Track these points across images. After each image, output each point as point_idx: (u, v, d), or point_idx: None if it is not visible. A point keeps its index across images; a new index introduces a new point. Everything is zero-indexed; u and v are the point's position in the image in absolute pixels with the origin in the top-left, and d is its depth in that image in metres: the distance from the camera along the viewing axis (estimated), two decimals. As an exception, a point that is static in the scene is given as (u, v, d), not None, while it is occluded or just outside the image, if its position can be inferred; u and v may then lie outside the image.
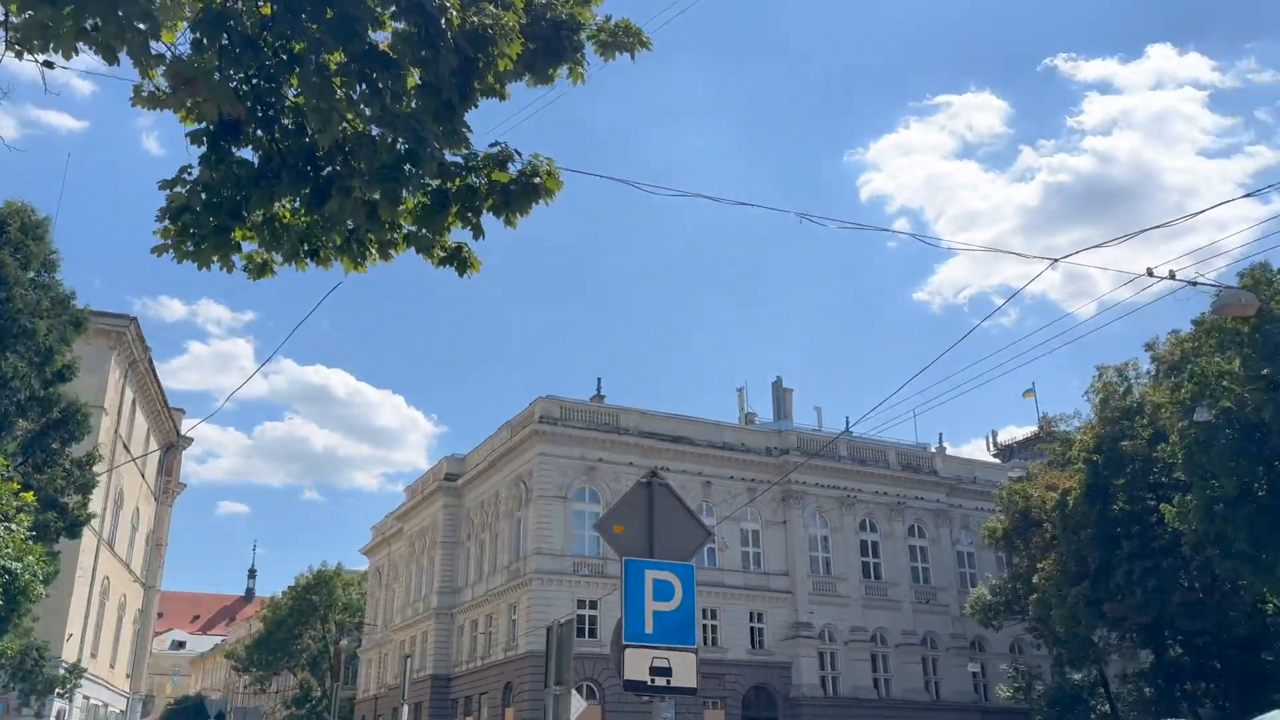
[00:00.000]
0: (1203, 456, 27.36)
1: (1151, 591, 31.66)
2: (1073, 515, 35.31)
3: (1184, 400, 28.25)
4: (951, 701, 49.73)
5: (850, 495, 51.99)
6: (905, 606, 51.65)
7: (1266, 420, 26.16)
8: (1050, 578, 35.94)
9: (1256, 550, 26.78)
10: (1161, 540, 32.15)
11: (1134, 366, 36.93)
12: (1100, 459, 34.75)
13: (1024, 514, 40.56)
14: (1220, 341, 28.20)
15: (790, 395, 64.63)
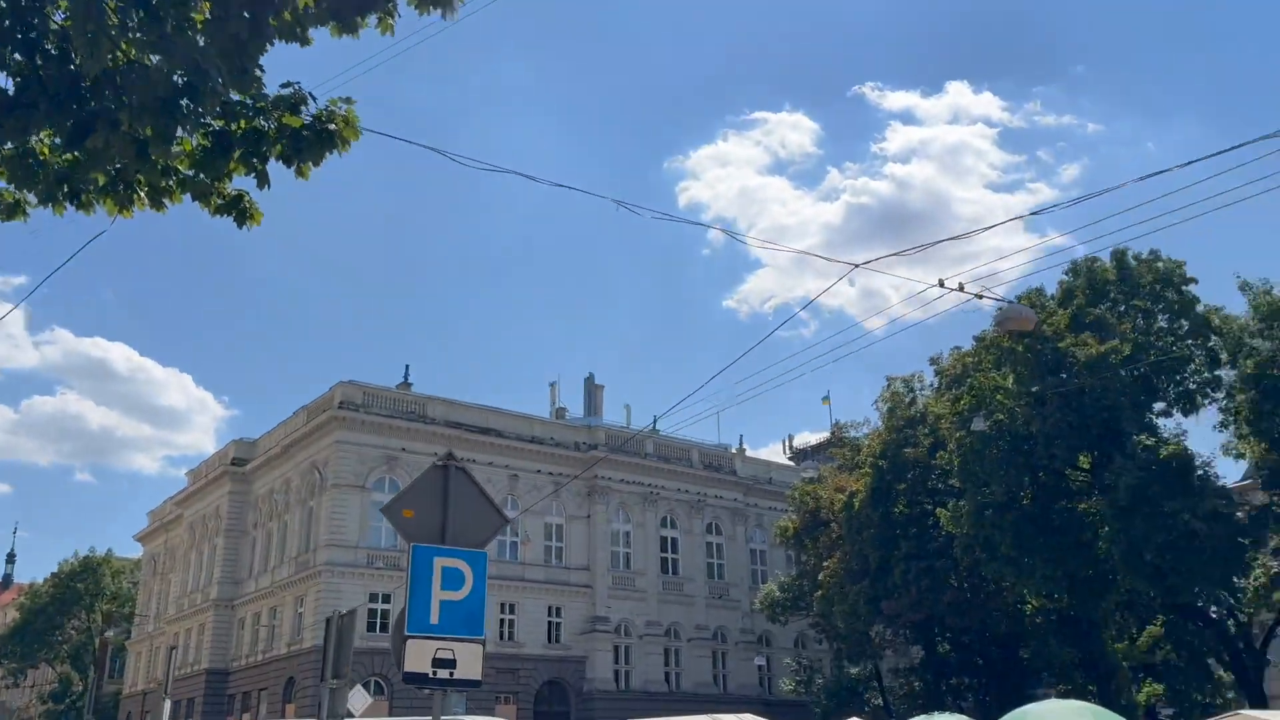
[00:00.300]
0: (976, 465, 29.26)
1: (925, 590, 33.63)
2: (858, 516, 37.07)
3: (962, 411, 30.14)
4: (738, 694, 51.27)
5: (654, 492, 52.78)
6: (699, 602, 52.93)
7: (1034, 433, 28.25)
8: (834, 575, 37.61)
9: (1019, 554, 28.86)
10: (936, 543, 34.21)
11: (920, 379, 39.20)
12: (885, 464, 36.65)
13: (814, 514, 42.28)
14: (997, 359, 30.25)
15: (601, 392, 65.03)
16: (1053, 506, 29.66)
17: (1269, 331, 25.01)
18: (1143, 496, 24.78)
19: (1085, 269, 31.53)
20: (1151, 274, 30.49)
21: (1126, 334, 28.59)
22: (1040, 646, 35.10)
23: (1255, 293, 25.88)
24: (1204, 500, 24.30)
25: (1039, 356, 28.36)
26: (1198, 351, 29.72)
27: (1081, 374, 27.35)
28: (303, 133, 5.75)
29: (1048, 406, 27.55)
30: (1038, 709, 17.65)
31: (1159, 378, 29.41)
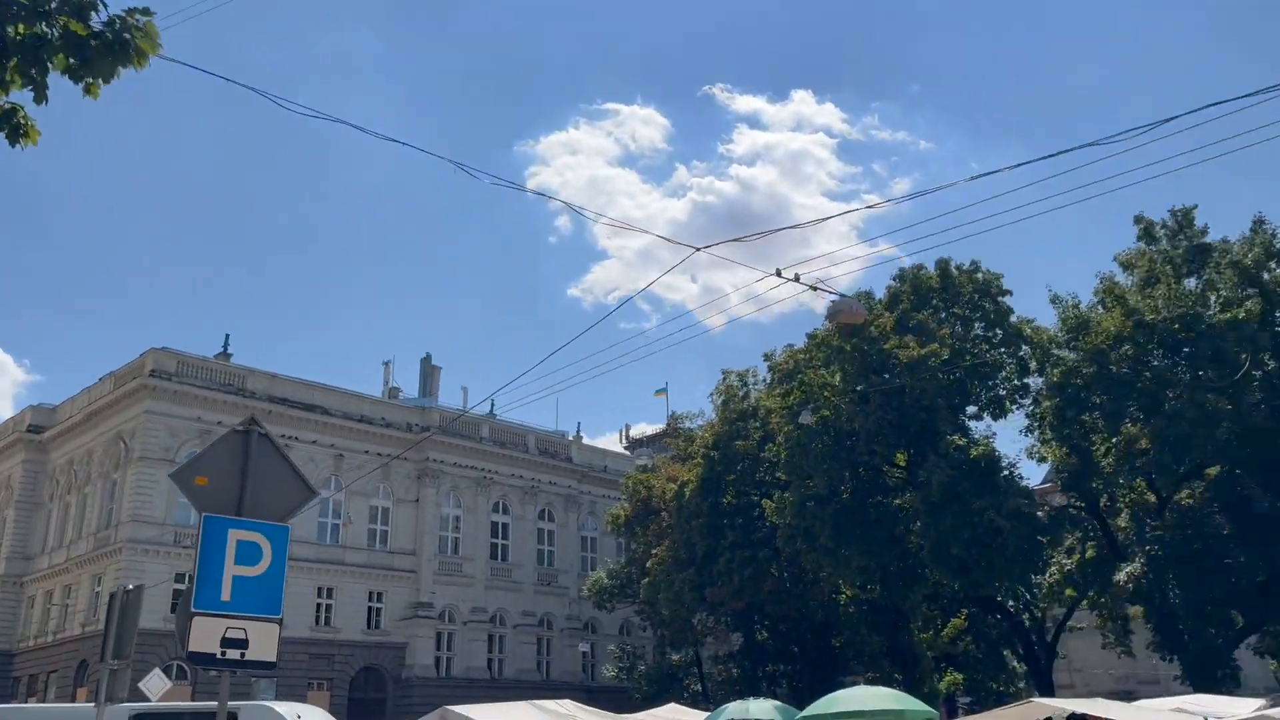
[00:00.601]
0: (801, 458, 30.11)
1: (747, 579, 34.43)
2: (687, 506, 37.60)
3: (792, 406, 30.95)
4: (561, 680, 51.16)
5: (487, 476, 52.01)
6: (527, 588, 52.54)
7: (857, 429, 29.28)
8: (662, 563, 38.04)
9: (837, 545, 29.88)
10: (761, 533, 35.07)
11: (754, 374, 40.12)
12: (716, 455, 37.30)
13: (645, 502, 42.67)
14: (827, 357, 31.19)
15: (438, 373, 63.67)
16: (870, 501, 30.87)
17: (1075, 343, 26.69)
18: (953, 494, 26.04)
19: (911, 276, 32.84)
20: (972, 284, 32.02)
21: (946, 339, 29.98)
22: (852, 635, 36.51)
23: (1064, 306, 27.60)
24: (1008, 499, 25.74)
25: (865, 356, 29.40)
26: (1009, 360, 31.47)
27: (903, 374, 28.51)
28: (91, 43, 5.07)
29: (870, 404, 28.60)
30: (846, 694, 18.18)
31: (973, 382, 30.97)
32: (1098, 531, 29.23)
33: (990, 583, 26.21)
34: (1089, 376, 25.49)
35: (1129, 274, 28.41)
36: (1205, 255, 26.48)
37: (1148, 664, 39.45)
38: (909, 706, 17.21)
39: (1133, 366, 25.15)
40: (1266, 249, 26.38)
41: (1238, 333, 24.21)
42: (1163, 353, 25.27)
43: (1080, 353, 26.16)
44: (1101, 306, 27.88)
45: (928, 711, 17.65)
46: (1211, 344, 24.12)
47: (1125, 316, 25.47)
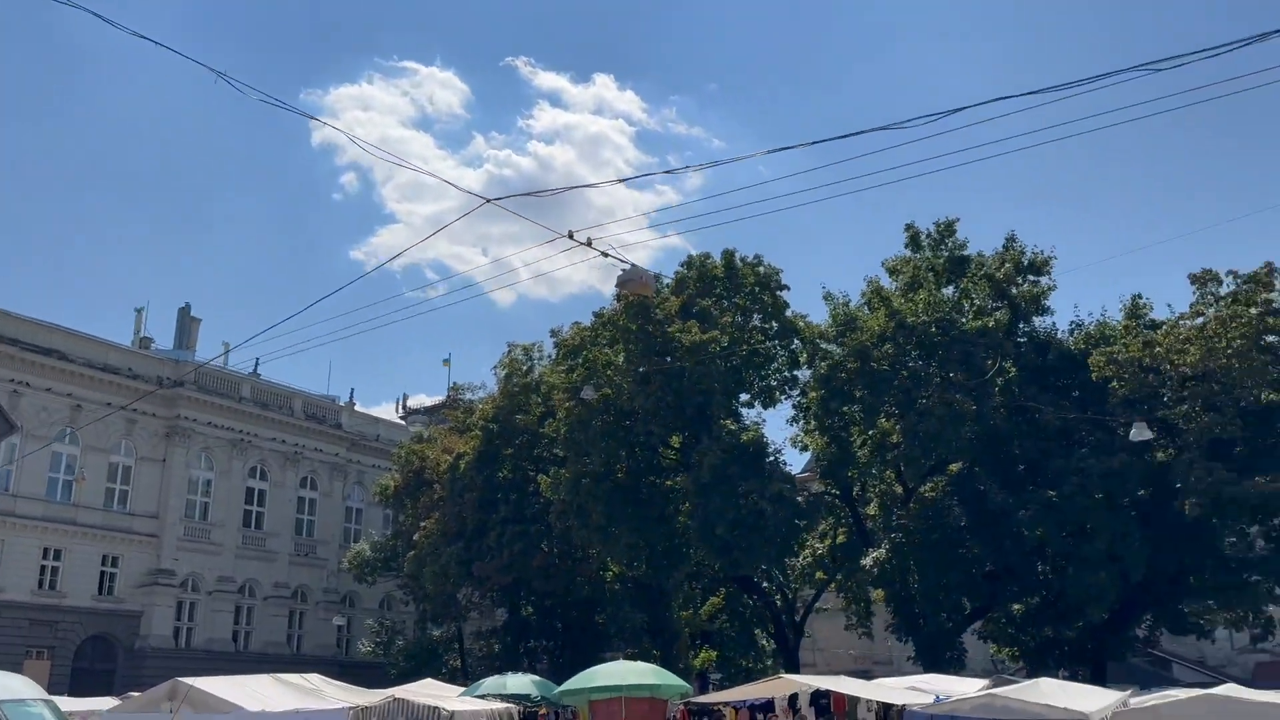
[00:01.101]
0: (580, 434, 30.07)
1: (518, 554, 34.11)
2: (462, 478, 36.82)
3: (575, 382, 30.84)
4: (312, 655, 49.05)
5: (245, 439, 48.98)
6: (282, 558, 50.00)
7: (637, 409, 29.54)
8: (430, 536, 37.09)
9: (609, 522, 30.10)
10: (534, 508, 34.84)
11: (539, 349, 39.70)
12: (495, 428, 36.72)
13: (418, 474, 41.46)
14: (612, 336, 31.30)
15: (198, 326, 59.23)
16: (644, 480, 31.31)
17: (842, 339, 28.05)
18: (722, 476, 26.77)
19: (699, 264, 33.53)
20: (754, 276, 33.00)
21: (727, 327, 30.80)
22: (616, 612, 37.01)
23: (835, 304, 28.95)
24: (772, 483, 26.74)
25: (649, 338, 29.70)
26: (782, 352, 32.74)
27: (684, 358, 29.02)
28: None
29: (651, 385, 28.92)
30: (605, 668, 18.28)
31: (748, 371, 32.00)
32: (849, 519, 30.95)
33: (750, 563, 27.16)
34: (852, 371, 26.85)
35: (895, 279, 30.13)
36: (963, 266, 28.47)
37: (884, 645, 42.42)
38: (665, 681, 17.49)
39: (892, 365, 26.69)
40: (1016, 264, 28.68)
41: (987, 340, 26.21)
42: (919, 354, 26.98)
43: (846, 349, 27.50)
44: (868, 307, 29.45)
45: (682, 686, 18.01)
46: (963, 349, 25.97)
47: (889, 318, 26.98)
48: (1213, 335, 23.50)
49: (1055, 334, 28.45)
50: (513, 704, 18.09)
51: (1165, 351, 24.17)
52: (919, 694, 15.33)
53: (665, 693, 17.44)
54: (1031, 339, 28.29)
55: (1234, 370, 22.85)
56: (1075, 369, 26.94)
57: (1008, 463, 26.34)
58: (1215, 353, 23.13)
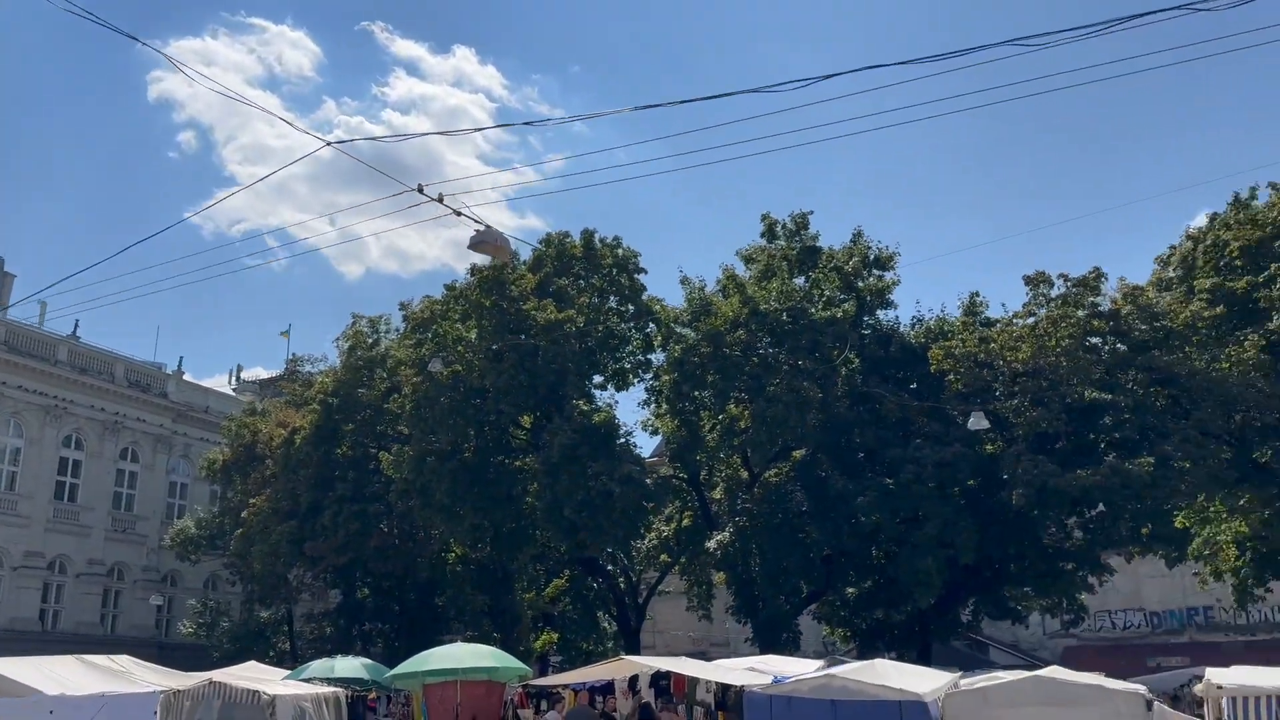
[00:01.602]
0: (427, 412, 29.15)
1: (354, 534, 32.86)
2: (297, 454, 35.21)
3: (423, 357, 29.86)
4: (128, 636, 46.07)
5: (60, 406, 45.46)
6: (98, 534, 46.72)
7: (488, 387, 28.85)
8: (260, 514, 35.33)
9: (453, 503, 29.32)
10: (374, 487, 33.65)
11: (386, 321, 38.35)
12: (335, 402, 35.24)
13: (249, 448, 39.44)
14: (464, 311, 30.46)
15: (10, 281, 54.58)
16: (491, 460, 30.63)
17: (696, 323, 28.13)
18: (572, 456, 26.42)
19: (557, 242, 33.04)
20: (612, 258, 32.76)
21: (584, 307, 30.45)
22: (456, 594, 36.24)
23: (691, 288, 29.00)
24: (622, 465, 26.58)
25: (503, 314, 29.04)
26: (637, 335, 32.67)
27: (539, 336, 28.52)
28: None
29: (504, 363, 28.29)
30: (440, 651, 17.68)
31: (602, 353, 31.78)
32: (695, 502, 31.17)
33: (597, 544, 26.98)
34: (705, 356, 26.96)
35: (750, 267, 30.44)
36: (815, 257, 29.01)
37: (722, 628, 43.17)
38: (503, 664, 17.04)
39: (744, 351, 26.94)
40: (863, 259, 29.43)
41: (834, 330, 26.80)
42: (770, 340, 27.34)
43: (700, 333, 27.59)
44: (723, 294, 29.65)
45: (521, 668, 17.59)
46: (812, 337, 26.46)
47: (742, 304, 27.22)
48: (1043, 334, 24.71)
49: (898, 327, 29.37)
50: (340, 688, 17.25)
51: (999, 348, 25.26)
52: (757, 674, 15.41)
53: (503, 675, 16.98)
54: (875, 331, 29.11)
55: (1061, 368, 24.07)
56: (915, 362, 27.87)
57: (849, 450, 27.04)
58: (1045, 350, 24.31)
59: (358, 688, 18.41)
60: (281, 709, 14.02)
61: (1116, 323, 25.80)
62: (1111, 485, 22.56)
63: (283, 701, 14.16)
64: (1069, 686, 11.16)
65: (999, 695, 11.18)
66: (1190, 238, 30.31)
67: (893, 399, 26.51)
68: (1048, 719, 10.55)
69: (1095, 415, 25.01)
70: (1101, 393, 24.74)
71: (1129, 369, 25.38)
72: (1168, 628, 43.21)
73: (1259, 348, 24.49)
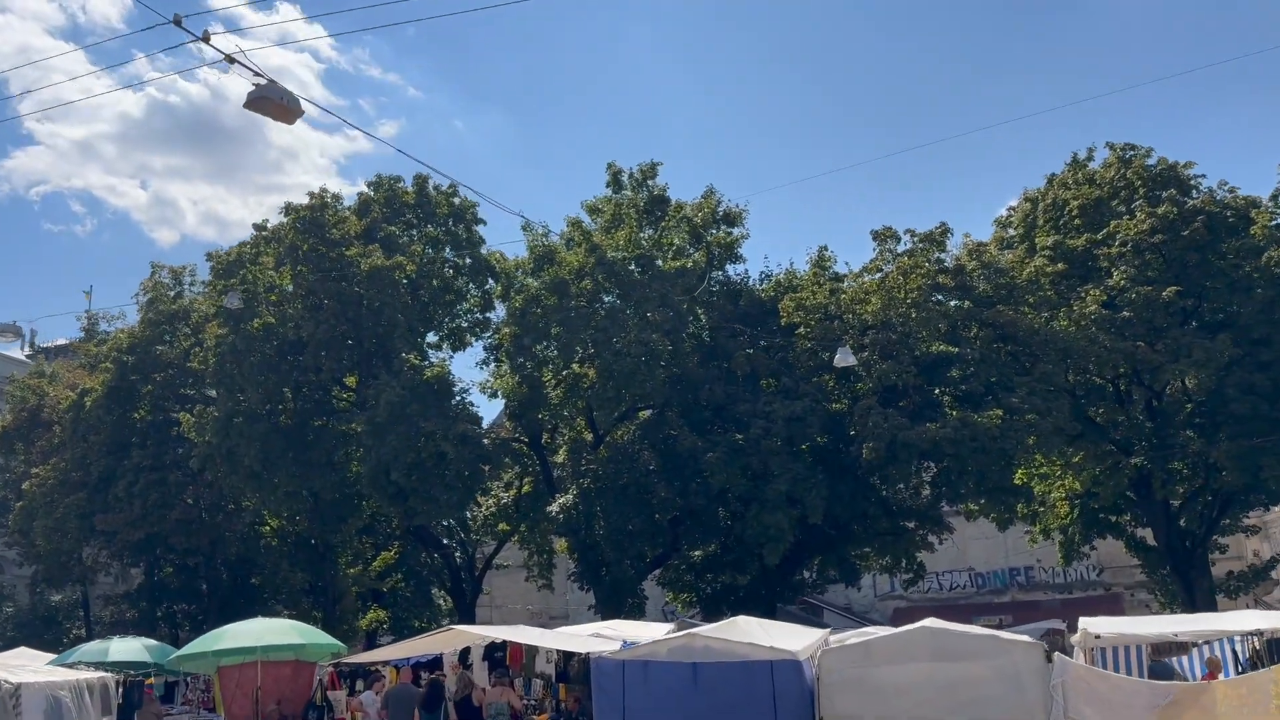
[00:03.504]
0: (234, 367, 26.20)
1: (152, 506, 29.50)
2: (88, 418, 31.37)
3: (227, 308, 26.80)
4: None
5: None
6: None
7: (305, 340, 26.12)
8: (43, 485, 31.33)
9: (265, 469, 26.52)
10: (176, 453, 30.34)
11: (192, 272, 34.66)
12: (131, 361, 31.53)
13: (34, 413, 35.09)
14: (278, 256, 27.56)
15: None
16: (310, 424, 27.94)
17: (540, 272, 26.22)
18: (401, 415, 24.14)
19: (387, 186, 30.50)
20: (448, 207, 30.49)
21: (415, 255, 28.08)
22: (273, 571, 33.30)
23: (534, 235, 27.08)
24: (457, 424, 24.49)
25: (322, 259, 26.36)
26: (475, 291, 30.51)
27: (363, 284, 26.01)
28: None
29: (323, 313, 25.66)
30: (236, 628, 15.35)
31: (436, 308, 29.50)
32: (537, 466, 29.37)
33: (429, 511, 24.77)
34: (549, 306, 25.13)
35: (596, 219, 28.72)
36: (663, 207, 27.57)
37: (562, 599, 41.63)
38: (310, 640, 14.85)
39: (590, 301, 25.26)
40: (713, 213, 28.22)
41: (684, 281, 25.40)
42: (618, 292, 25.74)
43: (543, 282, 25.74)
44: (568, 245, 27.86)
45: (333, 645, 15.47)
46: (660, 288, 25.00)
47: (588, 253, 25.51)
48: (893, 286, 24.10)
49: (747, 282, 28.35)
50: (111, 674, 14.66)
51: (849, 300, 24.50)
52: (603, 641, 13.87)
53: (311, 654, 14.82)
54: (725, 286, 27.97)
55: (910, 320, 23.52)
56: (765, 316, 26.90)
57: (698, 408, 25.80)
58: (895, 303, 23.70)
59: (131, 672, 15.80)
60: (29, 699, 11.53)
61: (962, 278, 25.53)
62: (960, 438, 22.13)
63: (30, 690, 11.65)
64: (963, 638, 10.01)
65: (883, 650, 9.93)
66: (1029, 199, 30.62)
67: (742, 354, 25.44)
68: (938, 675, 9.38)
69: (942, 369, 24.65)
70: (948, 346, 24.38)
71: (973, 324, 25.17)
72: (991, 587, 44.44)
73: (1099, 303, 24.66)
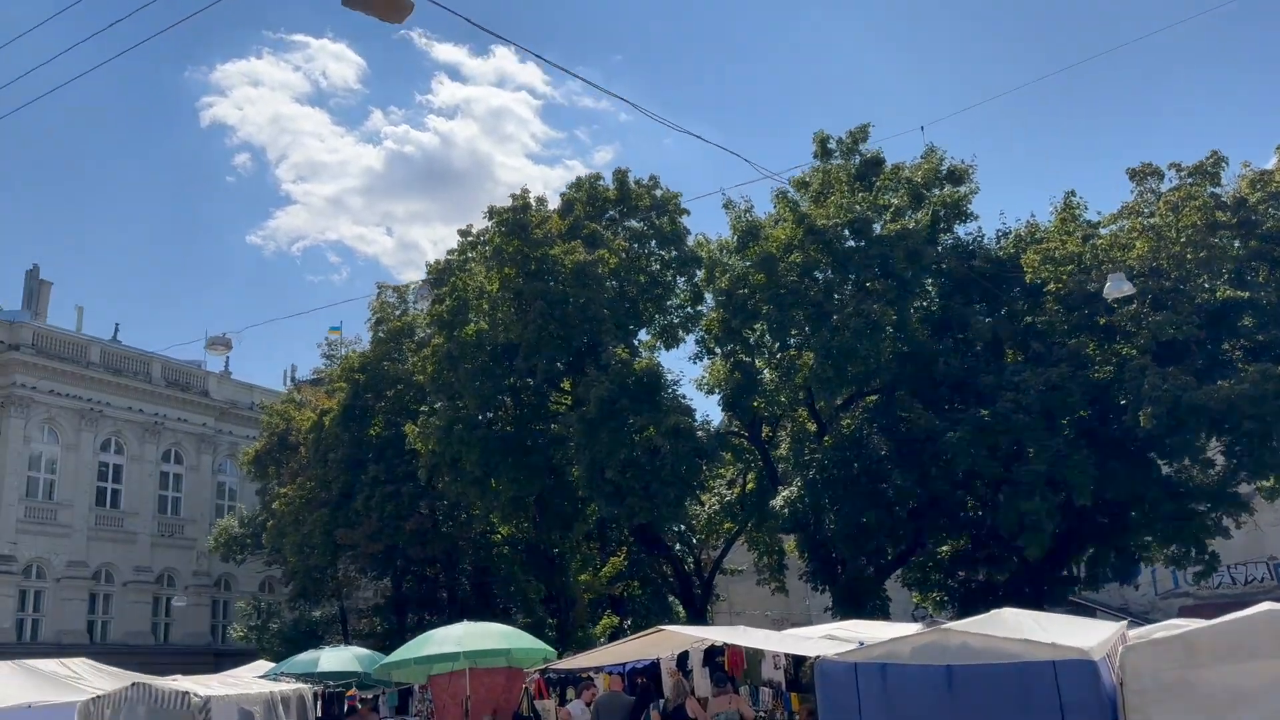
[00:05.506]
0: (450, 375, 26.13)
1: (388, 518, 30.06)
2: (327, 437, 32.56)
3: (443, 315, 26.82)
4: (181, 645, 44.36)
5: (96, 408, 43.67)
6: (144, 540, 44.88)
7: (515, 342, 25.67)
8: (291, 504, 32.75)
9: (486, 474, 26.25)
10: (408, 466, 30.82)
11: (415, 288, 35.46)
12: (363, 379, 32.48)
13: (283, 438, 36.99)
14: (483, 257, 27.37)
15: (48, 289, 53.37)
16: (529, 428, 27.50)
17: (744, 250, 24.53)
18: (611, 410, 23.09)
19: (588, 185, 29.83)
20: (649, 199, 29.42)
21: (618, 249, 27.13)
22: (509, 579, 33.28)
23: (736, 212, 25.39)
24: (669, 417, 23.16)
25: (526, 260, 25.84)
26: (684, 285, 29.24)
27: (568, 281, 25.26)
28: None
29: (529, 313, 25.09)
30: (443, 632, 14.59)
31: (645, 303, 28.45)
32: (759, 461, 27.57)
33: (647, 509, 23.51)
34: (757, 285, 23.36)
35: (803, 192, 26.70)
36: (878, 168, 25.18)
37: (801, 603, 39.44)
38: (517, 644, 13.79)
39: (801, 276, 23.26)
40: (935, 171, 25.52)
41: (906, 244, 22.85)
42: (832, 262, 23.57)
43: (749, 260, 23.99)
44: (775, 225, 25.99)
45: (543, 650, 14.37)
46: (880, 253, 22.66)
47: (796, 223, 23.53)
48: (1162, 226, 20.54)
49: (981, 240, 25.30)
50: (315, 685, 14.25)
51: (1107, 246, 21.15)
52: (837, 644, 11.87)
53: (519, 659, 13.79)
54: (955, 248, 25.07)
55: (1187, 263, 19.93)
56: (1004, 277, 23.86)
57: (932, 384, 23.13)
58: (1165, 244, 20.18)
59: (329, 684, 15.34)
60: (219, 711, 11.09)
61: (1244, 212, 21.51)
62: (1263, 394, 18.36)
63: (220, 704, 11.23)
64: None
65: (1211, 645, 6.97)
66: (1322, 116, 25.79)
67: (980, 321, 22.58)
68: None
69: (1231, 318, 20.78)
70: (1236, 291, 20.52)
71: (1262, 264, 21.15)
72: (1295, 579, 38.28)
73: None
